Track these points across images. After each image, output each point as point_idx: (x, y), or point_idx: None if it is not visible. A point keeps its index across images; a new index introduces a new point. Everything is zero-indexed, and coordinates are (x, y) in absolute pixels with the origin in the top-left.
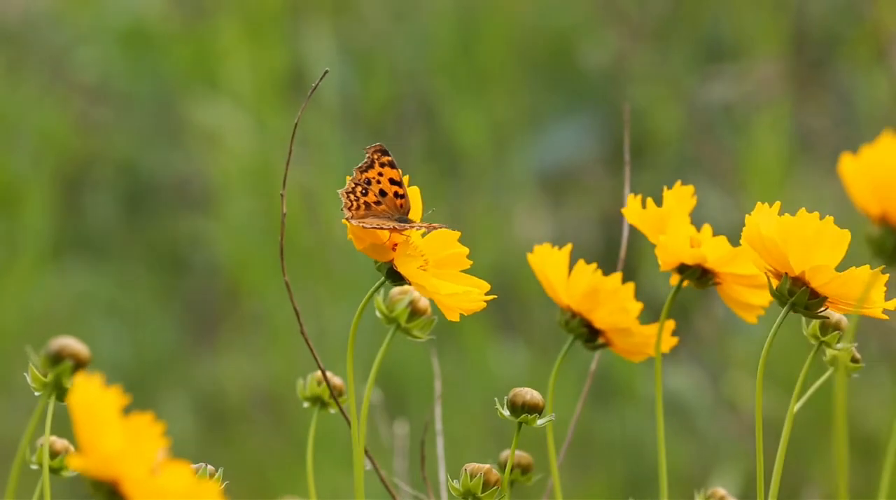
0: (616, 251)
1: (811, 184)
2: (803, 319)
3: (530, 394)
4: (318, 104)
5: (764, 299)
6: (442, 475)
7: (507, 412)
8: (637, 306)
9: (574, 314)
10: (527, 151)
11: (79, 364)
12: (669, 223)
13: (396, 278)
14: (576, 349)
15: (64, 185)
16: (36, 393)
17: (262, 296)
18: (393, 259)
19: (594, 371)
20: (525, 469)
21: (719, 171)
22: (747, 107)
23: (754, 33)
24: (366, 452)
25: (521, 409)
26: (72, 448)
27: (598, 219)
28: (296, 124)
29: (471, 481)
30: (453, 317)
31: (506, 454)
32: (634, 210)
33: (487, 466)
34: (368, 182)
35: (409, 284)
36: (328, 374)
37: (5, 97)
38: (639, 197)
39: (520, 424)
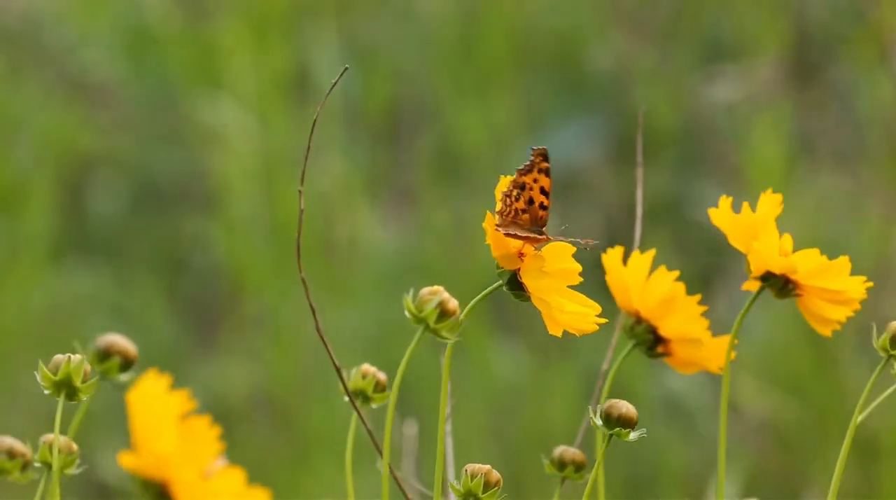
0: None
1: (814, 183)
2: (875, 326)
3: (626, 407)
4: (324, 103)
5: (842, 314)
6: (451, 475)
7: (599, 422)
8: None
9: (640, 320)
10: (529, 152)
11: (127, 362)
12: (762, 230)
13: (516, 287)
14: (576, 350)
15: (66, 185)
16: (45, 392)
17: (264, 297)
18: (519, 269)
19: (605, 372)
20: (578, 467)
21: (721, 170)
22: (749, 107)
23: (755, 33)
24: (379, 453)
25: (616, 422)
26: (74, 446)
27: (601, 219)
28: (314, 124)
29: (472, 481)
30: (556, 332)
31: (560, 449)
32: (724, 214)
33: (487, 466)
34: (523, 187)
35: (530, 295)
36: (373, 369)
37: (8, 97)
38: (730, 199)
39: (611, 436)
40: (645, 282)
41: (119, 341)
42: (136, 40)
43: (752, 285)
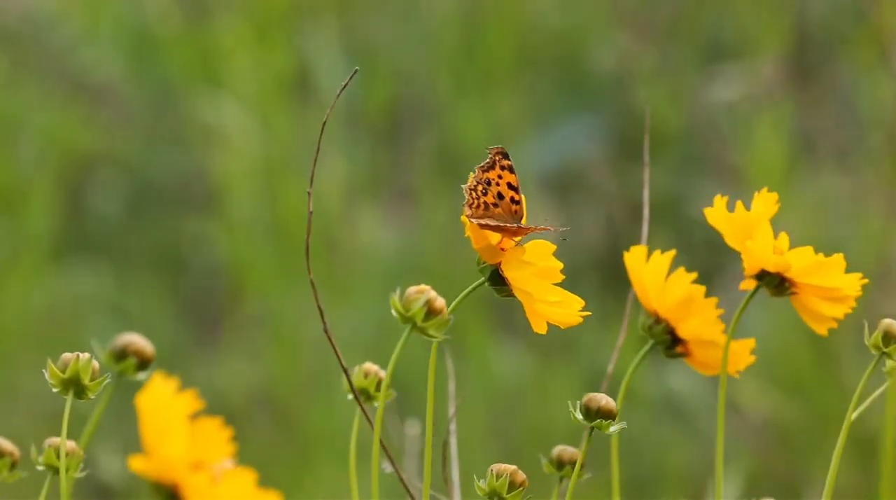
0: (619, 251)
1: (814, 183)
2: (867, 325)
3: (605, 400)
4: (322, 104)
5: (838, 312)
6: (456, 474)
7: (580, 416)
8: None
9: (659, 320)
10: (531, 150)
11: (143, 362)
12: (756, 229)
13: (498, 281)
14: (577, 350)
15: (67, 185)
16: (54, 390)
17: (264, 297)
18: (500, 262)
19: (609, 374)
20: (574, 465)
21: (722, 170)
22: (750, 107)
23: (756, 33)
24: (386, 453)
25: (596, 414)
26: (80, 450)
27: (602, 218)
28: (323, 127)
29: (497, 481)
30: (541, 328)
31: (558, 449)
32: (720, 212)
33: (514, 467)
34: (489, 182)
35: (511, 288)
36: (375, 367)
37: (8, 97)
38: (725, 198)
39: (591, 429)
40: (663, 282)
41: (136, 340)
42: (137, 40)
43: (749, 284)
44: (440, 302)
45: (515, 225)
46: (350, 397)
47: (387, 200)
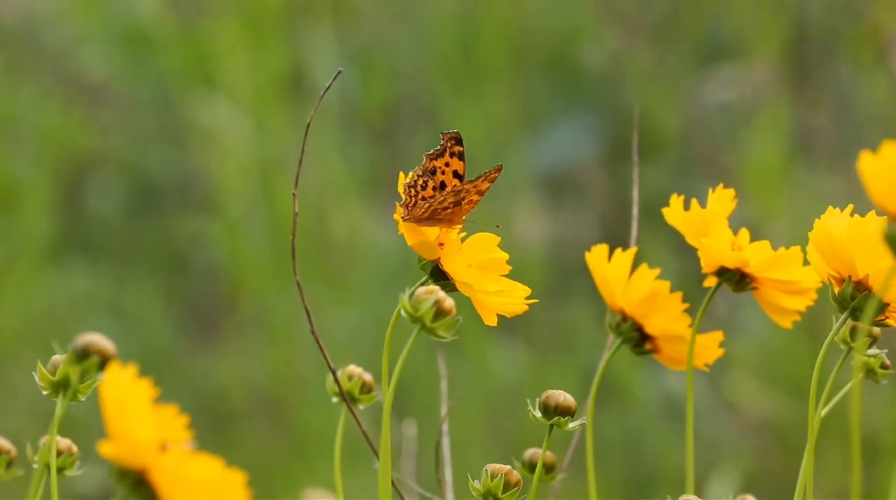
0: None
1: (811, 183)
2: (834, 319)
3: (563, 396)
4: (319, 105)
5: (800, 304)
6: (449, 475)
7: (538, 414)
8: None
9: (626, 318)
10: (525, 151)
11: (105, 360)
12: (712, 226)
13: (440, 276)
14: (574, 348)
15: (65, 185)
16: (43, 392)
17: (262, 296)
18: (439, 258)
19: (601, 372)
20: (549, 468)
21: (719, 170)
22: (746, 106)
23: (753, 33)
24: (375, 454)
25: (554, 411)
26: (74, 448)
27: (596, 219)
28: (307, 127)
29: (492, 481)
30: (491, 320)
31: (530, 452)
32: (676, 211)
33: (508, 467)
34: (433, 172)
35: (454, 282)
36: (359, 370)
37: (6, 97)
38: (681, 198)
39: (551, 426)
40: (627, 280)
41: (97, 339)
42: (133, 41)
43: (711, 281)
44: (449, 302)
45: (451, 199)
46: (335, 399)
47: (384, 199)
